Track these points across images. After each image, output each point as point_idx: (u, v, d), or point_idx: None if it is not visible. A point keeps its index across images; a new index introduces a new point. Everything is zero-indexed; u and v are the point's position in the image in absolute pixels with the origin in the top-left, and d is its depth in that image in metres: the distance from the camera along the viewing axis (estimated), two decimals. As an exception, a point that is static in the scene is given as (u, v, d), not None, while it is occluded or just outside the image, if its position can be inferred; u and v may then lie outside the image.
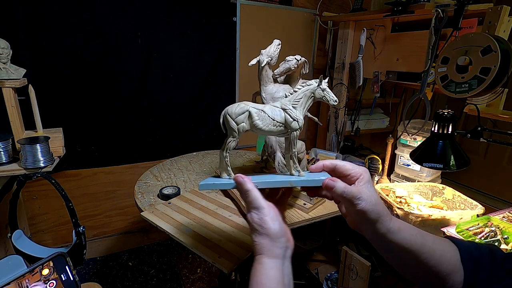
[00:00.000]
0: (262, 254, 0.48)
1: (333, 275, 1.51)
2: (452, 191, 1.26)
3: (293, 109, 0.61)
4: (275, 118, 0.60)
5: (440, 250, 0.50)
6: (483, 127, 1.01)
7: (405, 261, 0.51)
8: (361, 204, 0.47)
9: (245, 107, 0.59)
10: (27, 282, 0.66)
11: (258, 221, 0.49)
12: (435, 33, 1.26)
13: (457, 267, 0.50)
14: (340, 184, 0.49)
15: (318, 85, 0.60)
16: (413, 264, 0.50)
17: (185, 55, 1.83)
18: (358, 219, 0.50)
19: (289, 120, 0.60)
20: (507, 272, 0.48)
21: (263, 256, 0.48)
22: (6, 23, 1.40)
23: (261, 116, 0.60)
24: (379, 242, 0.51)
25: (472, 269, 0.50)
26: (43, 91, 1.51)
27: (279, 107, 0.61)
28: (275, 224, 0.49)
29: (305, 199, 1.02)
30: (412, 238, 0.49)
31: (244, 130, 0.60)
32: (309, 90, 0.61)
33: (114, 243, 2.02)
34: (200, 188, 0.58)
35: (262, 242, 0.49)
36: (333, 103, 0.61)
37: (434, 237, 0.52)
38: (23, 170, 1.15)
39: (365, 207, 0.47)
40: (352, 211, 0.50)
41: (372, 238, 0.51)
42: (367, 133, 2.27)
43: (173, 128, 1.93)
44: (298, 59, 1.00)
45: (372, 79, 1.74)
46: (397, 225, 0.49)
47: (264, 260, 0.48)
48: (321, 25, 2.16)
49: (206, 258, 0.79)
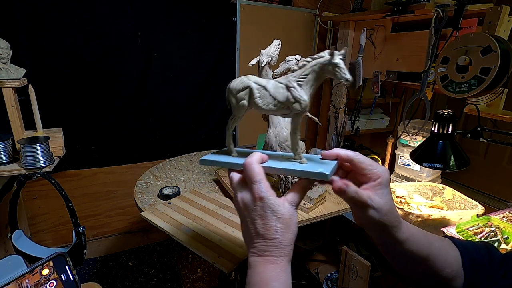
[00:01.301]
0: (286, 256, 0.44)
1: (333, 275, 1.52)
2: (452, 191, 1.26)
3: (297, 87, 0.51)
4: (276, 97, 0.52)
5: (444, 256, 0.49)
6: (483, 127, 1.01)
7: (409, 266, 0.50)
8: (370, 212, 0.43)
9: (246, 82, 0.53)
10: (27, 282, 0.66)
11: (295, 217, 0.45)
12: (435, 33, 1.26)
13: (460, 272, 0.50)
14: (352, 188, 0.43)
15: (330, 60, 0.48)
16: (417, 269, 0.49)
17: (185, 55, 1.83)
18: (365, 221, 0.46)
19: (291, 100, 0.51)
20: (503, 275, 0.48)
21: (286, 259, 0.44)
22: (6, 23, 1.40)
23: (262, 94, 0.52)
24: (383, 247, 0.50)
25: (472, 273, 0.50)
26: (43, 91, 1.50)
27: (283, 83, 0.52)
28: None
29: (305, 199, 1.02)
30: (419, 248, 0.47)
31: (245, 107, 0.54)
32: (318, 64, 0.50)
33: (114, 243, 2.02)
34: (200, 163, 0.54)
35: (291, 244, 0.44)
36: (344, 81, 0.48)
37: (439, 244, 0.50)
38: (23, 170, 1.15)
39: (375, 216, 0.43)
40: (359, 212, 0.46)
41: (378, 241, 0.49)
42: (367, 133, 2.27)
43: (173, 128, 1.93)
44: (298, 59, 1.00)
45: (372, 79, 1.74)
46: (405, 236, 0.46)
47: (287, 264, 0.43)
48: (321, 25, 2.16)
49: (206, 258, 0.79)
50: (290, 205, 0.45)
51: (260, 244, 0.44)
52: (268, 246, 0.44)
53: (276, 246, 0.43)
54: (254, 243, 0.45)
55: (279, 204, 0.44)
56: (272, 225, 0.44)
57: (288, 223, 0.44)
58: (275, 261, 0.43)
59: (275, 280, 0.42)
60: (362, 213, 0.44)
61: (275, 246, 0.43)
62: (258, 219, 0.45)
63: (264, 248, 0.44)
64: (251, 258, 0.45)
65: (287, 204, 0.45)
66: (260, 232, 0.44)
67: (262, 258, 0.44)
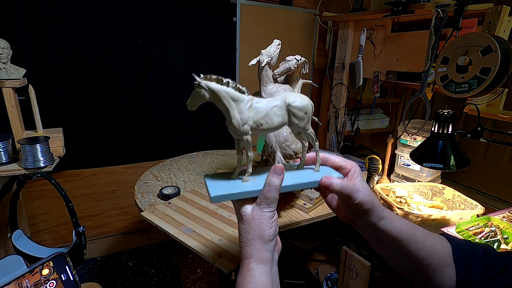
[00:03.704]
0: (250, 258, 0.45)
1: (333, 275, 1.52)
2: (452, 191, 1.26)
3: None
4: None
5: (430, 241, 0.51)
6: (483, 127, 1.01)
7: (397, 252, 0.51)
8: (359, 196, 0.47)
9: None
10: (27, 282, 0.66)
11: (263, 220, 0.46)
12: (435, 33, 1.25)
13: (448, 261, 0.51)
14: (337, 181, 0.48)
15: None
16: (404, 255, 0.51)
17: (185, 55, 1.83)
18: (353, 212, 0.50)
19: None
20: (501, 271, 0.48)
21: (251, 261, 0.45)
22: (6, 23, 1.40)
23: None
24: (372, 232, 0.51)
25: (465, 267, 0.50)
26: (43, 91, 1.51)
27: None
28: (273, 226, 0.46)
29: (305, 199, 1.02)
30: (404, 227, 0.50)
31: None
32: None
33: (114, 243, 2.02)
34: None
35: (253, 244, 0.45)
36: None
37: (425, 230, 0.53)
38: (23, 170, 1.15)
39: (363, 198, 0.47)
40: (347, 205, 0.50)
41: (365, 228, 0.52)
42: (367, 133, 2.27)
43: (173, 128, 1.93)
44: (298, 59, 1.00)
45: (372, 79, 1.74)
46: (389, 213, 0.51)
47: (253, 266, 0.45)
48: (321, 25, 2.16)
49: (206, 258, 0.79)
50: (256, 205, 0.47)
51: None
52: (240, 249, 0.47)
53: (243, 247, 0.46)
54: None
55: (244, 206, 0.48)
56: (240, 227, 0.48)
57: (249, 222, 0.46)
58: (242, 264, 0.46)
59: (240, 286, 0.44)
60: (351, 202, 0.48)
61: (241, 248, 0.47)
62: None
63: (240, 252, 0.47)
64: None
65: (251, 205, 0.47)
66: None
67: (240, 263, 0.47)
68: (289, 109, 0.50)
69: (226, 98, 0.47)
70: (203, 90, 0.46)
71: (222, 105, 0.48)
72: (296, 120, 0.51)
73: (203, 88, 0.46)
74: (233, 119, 0.48)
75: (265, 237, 0.45)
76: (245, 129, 0.48)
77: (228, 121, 0.49)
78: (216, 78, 0.46)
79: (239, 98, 0.48)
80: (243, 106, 0.48)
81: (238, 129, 0.48)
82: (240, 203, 0.48)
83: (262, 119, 0.49)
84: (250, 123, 0.49)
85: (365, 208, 0.48)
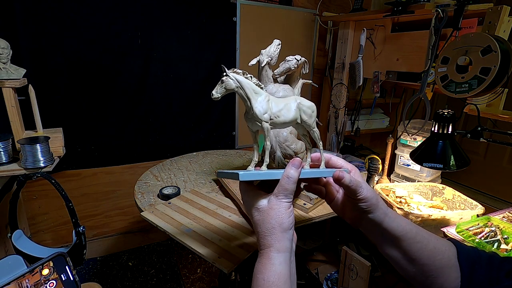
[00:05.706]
0: (270, 247, 0.46)
1: (333, 275, 1.52)
2: (452, 191, 1.26)
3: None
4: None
5: (434, 241, 0.53)
6: (483, 127, 1.01)
7: (402, 252, 0.52)
8: (364, 191, 0.50)
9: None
10: (27, 282, 0.66)
11: (282, 209, 0.47)
12: (435, 33, 1.25)
13: (452, 262, 0.51)
14: (347, 175, 0.51)
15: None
16: (409, 255, 0.52)
17: (185, 55, 1.83)
18: (358, 210, 0.52)
19: None
20: (507, 274, 0.48)
21: (272, 250, 0.46)
22: (6, 23, 1.40)
23: None
24: (378, 232, 0.53)
25: (469, 268, 0.50)
26: (43, 91, 1.51)
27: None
28: (291, 216, 0.47)
29: (305, 199, 1.02)
30: (407, 226, 0.52)
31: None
32: None
33: (114, 243, 2.02)
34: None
35: (273, 233, 0.46)
36: None
37: (428, 231, 0.54)
38: (23, 170, 1.15)
39: (367, 194, 0.50)
40: (353, 202, 0.52)
41: (371, 229, 0.53)
42: (367, 133, 2.27)
43: (173, 128, 1.93)
44: (298, 59, 1.00)
45: (372, 79, 1.74)
46: (393, 212, 0.53)
47: (273, 255, 0.45)
48: (321, 25, 2.16)
49: (206, 258, 0.78)
50: (274, 195, 0.48)
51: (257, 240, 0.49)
52: (258, 240, 0.48)
53: (262, 237, 0.47)
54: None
55: (260, 200, 0.49)
56: (256, 219, 0.49)
57: (268, 212, 0.47)
58: (261, 253, 0.47)
59: (259, 273, 0.45)
60: (355, 197, 0.50)
61: (260, 239, 0.47)
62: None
63: (258, 243, 0.48)
64: None
65: (266, 198, 0.49)
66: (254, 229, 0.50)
67: (259, 253, 0.48)
68: (300, 106, 0.58)
69: (249, 89, 0.54)
70: (230, 80, 0.52)
71: (245, 95, 0.54)
72: (305, 116, 0.58)
73: (231, 78, 0.52)
74: (255, 107, 0.54)
75: (284, 225, 0.47)
76: (265, 117, 0.55)
77: (249, 110, 0.55)
78: (242, 72, 0.53)
79: (259, 92, 0.55)
80: (262, 99, 0.55)
81: (260, 116, 0.54)
82: (254, 198, 0.50)
83: (279, 111, 0.56)
84: (269, 113, 0.55)
85: (370, 203, 0.51)
